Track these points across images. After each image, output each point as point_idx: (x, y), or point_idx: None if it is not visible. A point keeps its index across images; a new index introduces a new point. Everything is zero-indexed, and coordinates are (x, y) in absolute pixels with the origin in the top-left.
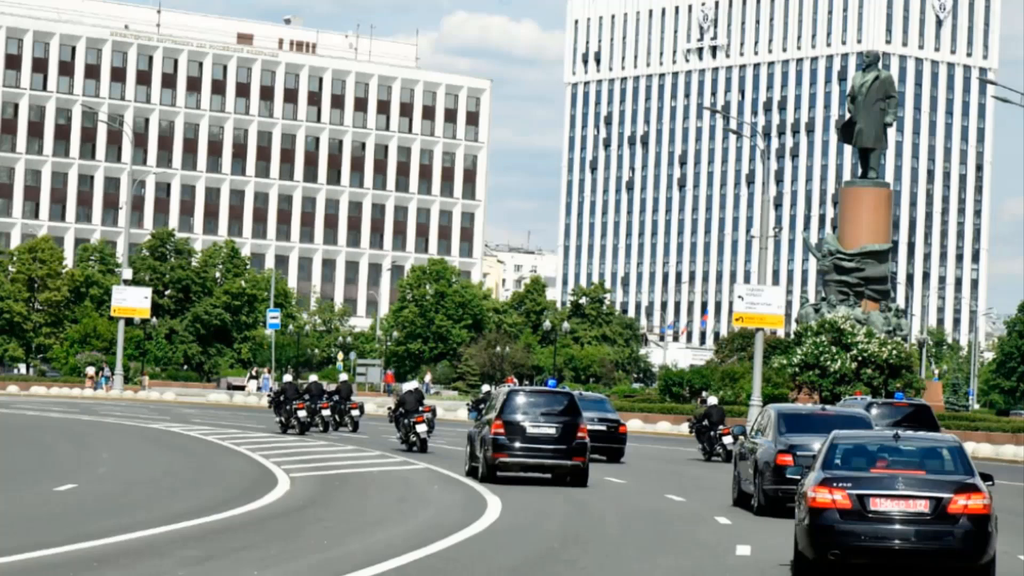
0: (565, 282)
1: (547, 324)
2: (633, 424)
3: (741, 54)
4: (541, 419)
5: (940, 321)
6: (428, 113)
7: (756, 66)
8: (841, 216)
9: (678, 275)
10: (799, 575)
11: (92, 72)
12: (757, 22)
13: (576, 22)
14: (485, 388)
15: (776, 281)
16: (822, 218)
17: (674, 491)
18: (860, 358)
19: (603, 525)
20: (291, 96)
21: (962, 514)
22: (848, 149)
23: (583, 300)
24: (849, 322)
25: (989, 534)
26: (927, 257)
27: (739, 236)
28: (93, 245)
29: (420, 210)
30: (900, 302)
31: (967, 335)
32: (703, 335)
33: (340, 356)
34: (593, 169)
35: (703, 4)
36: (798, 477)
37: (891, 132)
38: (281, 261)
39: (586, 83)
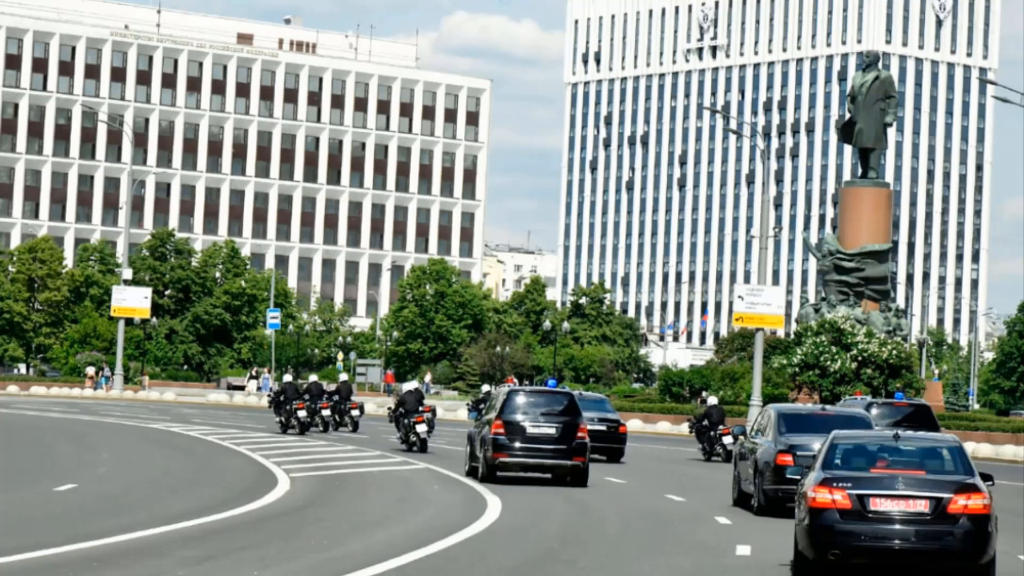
0: (565, 282)
1: (547, 324)
2: (633, 424)
3: (741, 54)
4: (541, 419)
5: (940, 321)
6: (428, 113)
7: (756, 66)
8: (841, 216)
9: (678, 275)
10: (799, 575)
11: (92, 72)
12: (757, 22)
13: (576, 22)
14: (485, 388)
15: (776, 281)
16: (822, 218)
17: (674, 491)
18: (860, 358)
19: (603, 525)
20: (291, 96)
21: (962, 514)
22: (848, 149)
23: (583, 300)
24: (849, 322)
25: (989, 534)
26: (927, 257)
27: (739, 236)
28: (93, 245)
29: (420, 210)
30: (900, 302)
31: (967, 335)
32: (703, 335)
33: (340, 356)
34: (593, 169)
35: (703, 4)
36: (798, 477)
37: (891, 132)
38: (281, 261)
39: (586, 83)
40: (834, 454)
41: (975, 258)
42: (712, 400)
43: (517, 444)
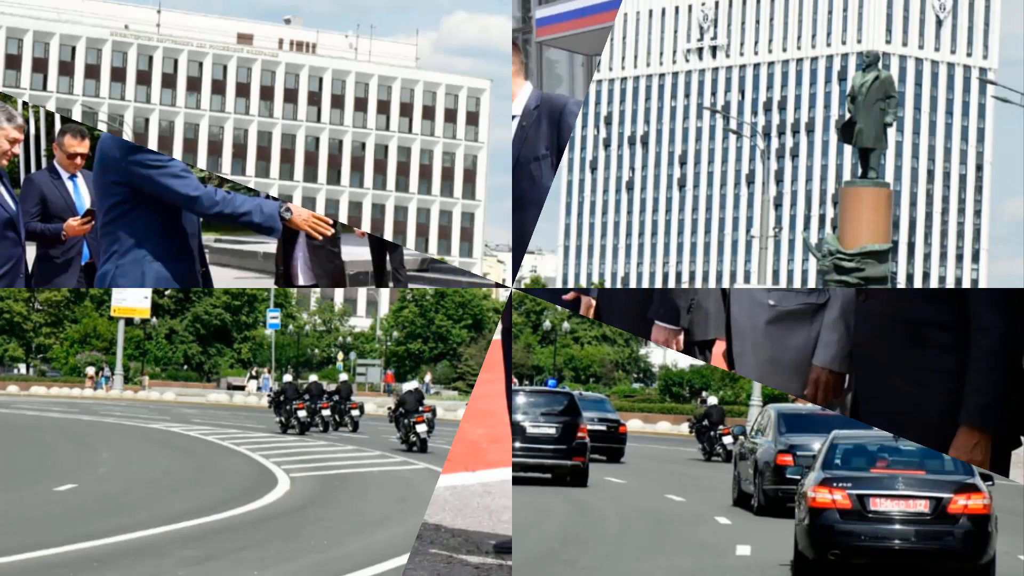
0: (565, 282)
1: (547, 324)
2: (633, 424)
3: (741, 54)
4: (541, 419)
5: None
6: (428, 113)
7: (756, 66)
8: (841, 216)
9: (678, 275)
10: (799, 575)
11: (92, 72)
12: (757, 22)
13: None
14: None
15: (776, 281)
16: (822, 218)
17: (674, 491)
18: None
19: (603, 525)
20: (291, 96)
21: (962, 514)
22: (848, 149)
23: None
24: None
25: (989, 534)
26: (927, 257)
27: (739, 236)
28: None
29: (420, 210)
30: None
31: None
32: None
33: (340, 356)
34: (593, 169)
35: (703, 4)
36: (798, 477)
37: (891, 132)
38: None
39: None
40: (834, 454)
41: (975, 258)
42: (712, 400)
43: (517, 444)
